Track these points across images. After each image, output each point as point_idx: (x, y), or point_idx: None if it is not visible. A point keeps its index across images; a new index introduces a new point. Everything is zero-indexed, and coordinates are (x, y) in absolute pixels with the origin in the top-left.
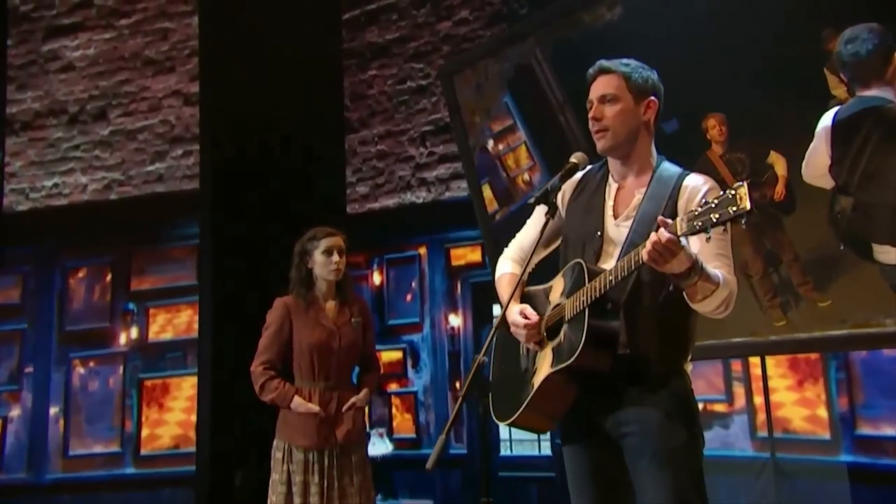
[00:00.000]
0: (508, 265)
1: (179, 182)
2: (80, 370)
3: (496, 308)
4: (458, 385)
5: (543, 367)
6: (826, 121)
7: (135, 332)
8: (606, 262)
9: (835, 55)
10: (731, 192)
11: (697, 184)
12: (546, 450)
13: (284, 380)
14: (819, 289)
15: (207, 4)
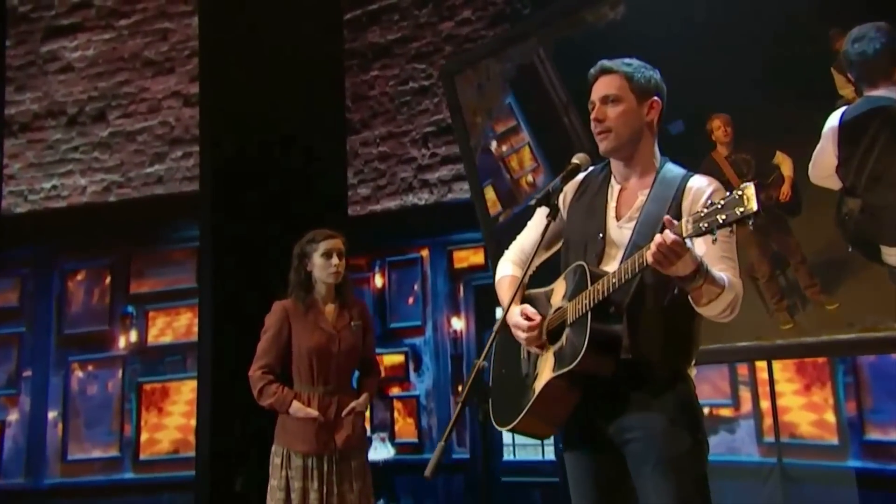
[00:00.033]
0: (509, 268)
1: (179, 184)
2: (79, 374)
3: (499, 311)
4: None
5: (545, 372)
6: (833, 121)
7: (134, 336)
8: (608, 265)
9: (842, 54)
10: (738, 193)
11: (702, 185)
12: (549, 454)
13: (283, 384)
14: (827, 291)
15: (207, 4)
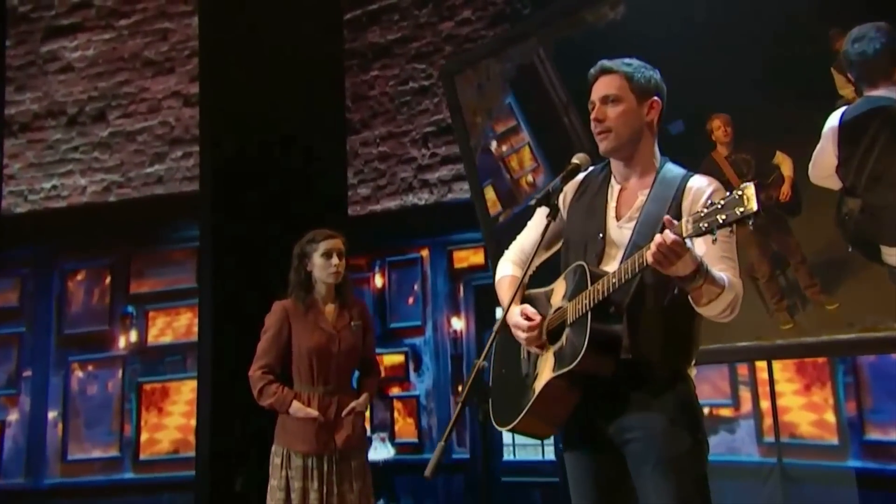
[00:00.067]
0: (509, 268)
1: (179, 184)
2: (79, 374)
3: (499, 311)
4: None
5: (545, 372)
6: (833, 121)
7: (134, 336)
8: (608, 265)
9: (842, 54)
10: (738, 193)
11: (702, 185)
12: (550, 454)
13: (283, 384)
14: (827, 291)
15: (207, 4)
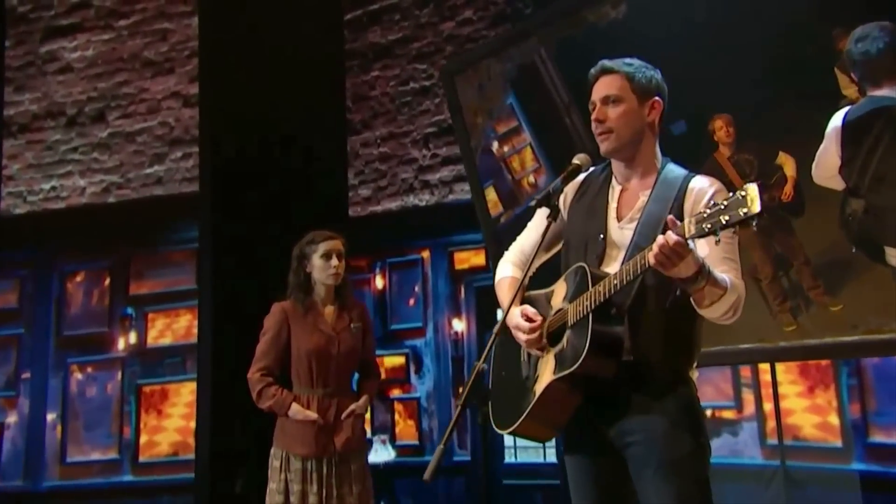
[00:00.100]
0: (509, 269)
1: (179, 185)
2: (78, 376)
3: (500, 313)
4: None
5: (545, 374)
6: (836, 121)
7: (133, 338)
8: (609, 266)
9: (845, 54)
10: (742, 194)
11: (704, 186)
12: (551, 457)
13: (282, 387)
14: (830, 293)
15: (207, 5)
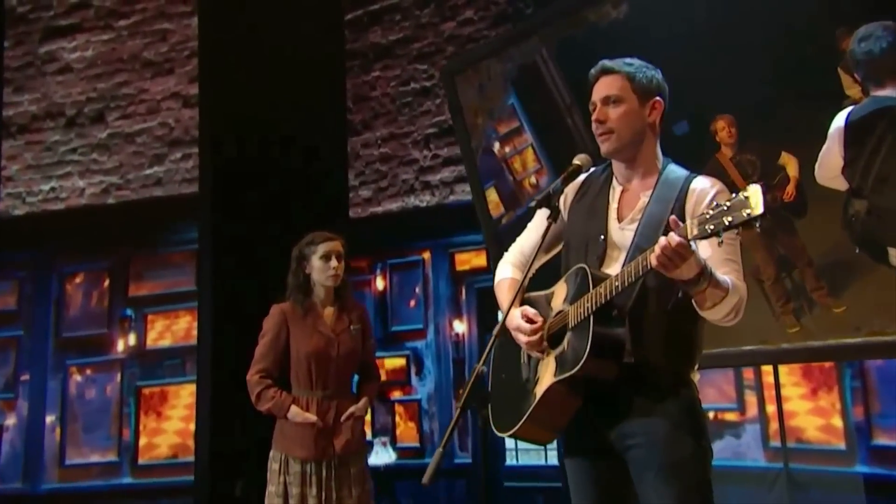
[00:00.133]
0: (508, 270)
1: (178, 186)
2: (77, 378)
3: (501, 314)
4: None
5: (546, 377)
6: (839, 121)
7: (133, 339)
8: (610, 267)
9: (848, 54)
10: (744, 195)
11: (705, 186)
12: (553, 459)
13: (281, 389)
14: (833, 294)
15: (207, 5)
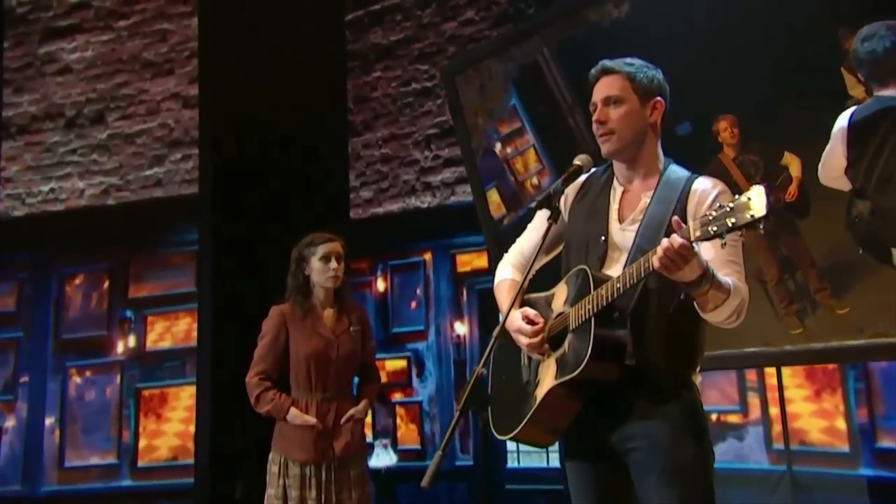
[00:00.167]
0: (508, 271)
1: (178, 187)
2: (77, 379)
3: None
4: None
5: (546, 379)
6: (842, 121)
7: (132, 341)
8: (611, 268)
9: (851, 53)
10: (748, 196)
11: (707, 187)
12: (554, 461)
13: (280, 391)
14: (837, 295)
15: (207, 5)
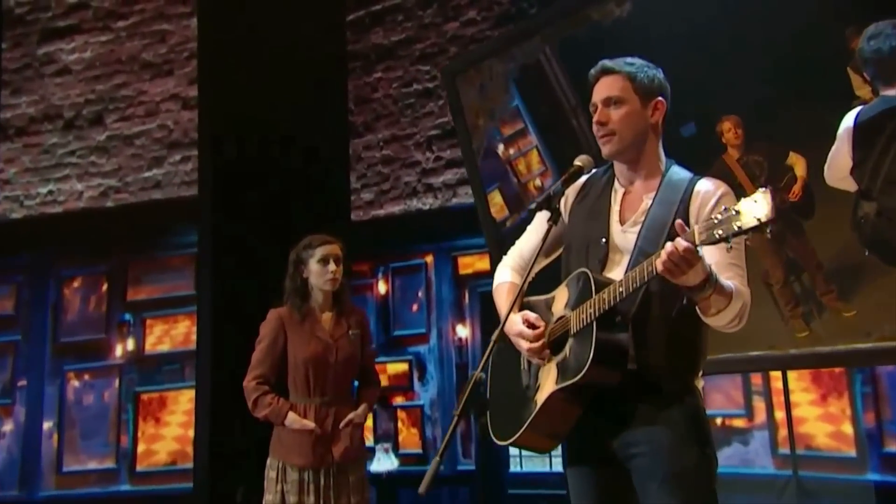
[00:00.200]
0: (507, 274)
1: (177, 188)
2: (75, 383)
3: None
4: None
5: (547, 384)
6: (848, 121)
7: (131, 344)
8: (612, 271)
9: (857, 52)
10: (755, 199)
11: (710, 188)
12: (557, 466)
13: (278, 395)
14: (843, 298)
15: (207, 5)
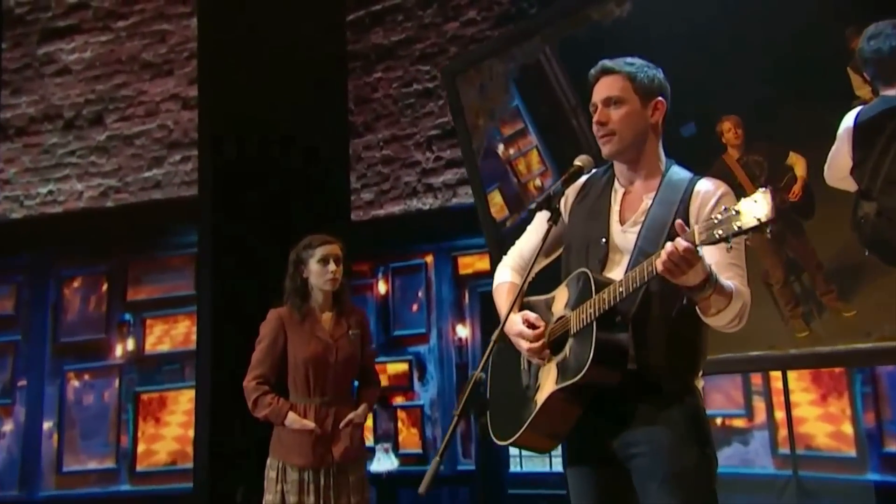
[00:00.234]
0: (507, 274)
1: (177, 188)
2: (75, 383)
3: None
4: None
5: (547, 384)
6: (848, 121)
7: (131, 344)
8: (612, 271)
9: (857, 52)
10: (755, 199)
11: (710, 188)
12: (557, 466)
13: (278, 395)
14: (843, 298)
15: (206, 5)
